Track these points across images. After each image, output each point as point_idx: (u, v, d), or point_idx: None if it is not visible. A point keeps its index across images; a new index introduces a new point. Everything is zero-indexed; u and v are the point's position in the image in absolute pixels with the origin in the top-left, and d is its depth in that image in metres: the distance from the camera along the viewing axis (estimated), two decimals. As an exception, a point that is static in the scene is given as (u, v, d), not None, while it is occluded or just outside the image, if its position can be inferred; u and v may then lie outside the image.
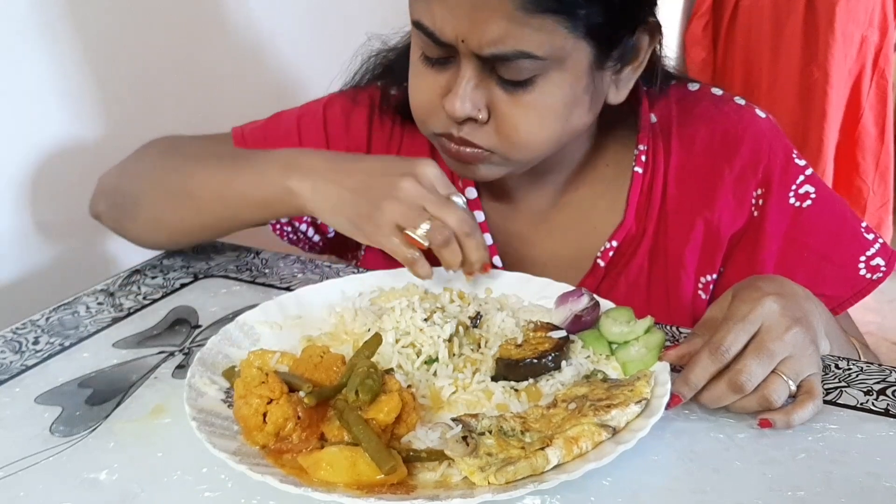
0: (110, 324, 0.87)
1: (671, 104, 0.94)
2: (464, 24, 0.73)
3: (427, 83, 0.81)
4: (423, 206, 0.78)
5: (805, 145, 2.74)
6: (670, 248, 0.92)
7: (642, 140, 0.92)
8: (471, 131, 0.80)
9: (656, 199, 0.92)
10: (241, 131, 1.01)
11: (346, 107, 0.99)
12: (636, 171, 0.92)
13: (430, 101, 0.81)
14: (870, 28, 2.67)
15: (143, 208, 0.94)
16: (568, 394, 0.68)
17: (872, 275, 0.91)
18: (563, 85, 0.77)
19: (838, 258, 0.91)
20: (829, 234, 0.91)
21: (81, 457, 0.66)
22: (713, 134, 0.92)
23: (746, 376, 0.65)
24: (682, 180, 0.92)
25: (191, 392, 0.67)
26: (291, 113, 1.02)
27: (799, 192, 0.91)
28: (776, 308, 0.67)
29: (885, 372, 0.75)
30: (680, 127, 0.93)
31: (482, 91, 0.78)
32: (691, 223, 0.92)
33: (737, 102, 0.95)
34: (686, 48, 3.00)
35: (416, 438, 0.64)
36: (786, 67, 2.76)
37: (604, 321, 0.75)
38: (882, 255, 0.92)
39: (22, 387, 0.76)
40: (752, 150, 0.91)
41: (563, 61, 0.76)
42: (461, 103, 0.77)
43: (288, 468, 0.60)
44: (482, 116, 0.78)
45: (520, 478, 0.58)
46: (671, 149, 0.92)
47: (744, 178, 0.91)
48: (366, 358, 0.68)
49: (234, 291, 0.94)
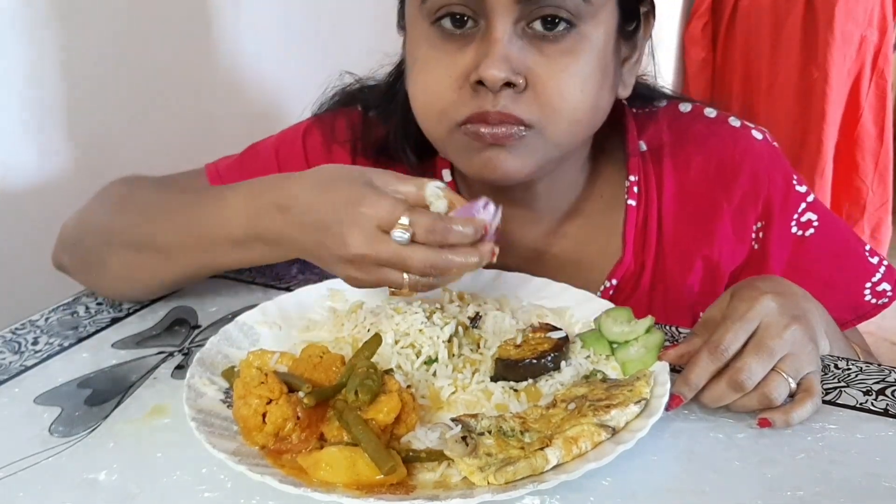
0: (109, 324, 0.87)
1: (662, 129, 0.91)
2: None
3: (446, 67, 0.76)
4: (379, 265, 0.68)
5: (804, 145, 2.75)
6: (669, 283, 0.90)
7: (633, 170, 0.90)
8: (508, 103, 0.74)
9: (652, 232, 0.90)
10: (216, 168, 0.96)
11: (326, 136, 0.94)
12: (630, 203, 0.89)
13: (450, 88, 0.76)
14: (869, 28, 2.67)
15: (110, 266, 0.86)
16: (567, 394, 0.68)
17: (878, 300, 0.90)
18: (598, 41, 0.76)
19: (843, 285, 0.90)
20: (832, 262, 0.90)
21: (81, 457, 0.66)
22: (708, 162, 0.89)
23: (746, 374, 0.65)
24: (678, 212, 0.90)
25: (190, 392, 0.67)
26: (267, 144, 0.97)
27: (801, 220, 0.89)
28: (774, 306, 0.67)
29: (885, 372, 0.75)
30: (673, 153, 0.90)
31: (518, 54, 0.73)
32: (690, 260, 0.90)
33: (731, 125, 0.91)
34: (685, 48, 3.00)
35: (416, 439, 0.64)
36: (785, 67, 2.77)
37: (604, 321, 0.75)
38: (888, 280, 0.90)
39: (21, 387, 0.76)
40: (750, 180, 0.88)
41: (598, 13, 0.75)
42: (501, 64, 0.72)
43: (287, 468, 0.60)
44: (521, 82, 0.74)
45: (519, 478, 0.58)
46: (664, 178, 0.90)
47: (743, 212, 0.89)
48: (365, 358, 0.67)
49: (234, 292, 0.93)
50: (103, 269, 0.87)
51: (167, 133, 1.27)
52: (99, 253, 0.87)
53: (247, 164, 0.95)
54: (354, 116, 0.95)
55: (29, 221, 1.10)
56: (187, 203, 0.82)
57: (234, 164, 0.96)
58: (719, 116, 0.92)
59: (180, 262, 0.82)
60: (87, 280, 0.92)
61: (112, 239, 0.86)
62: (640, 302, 0.91)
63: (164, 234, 0.82)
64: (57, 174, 1.12)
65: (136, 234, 0.84)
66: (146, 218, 0.85)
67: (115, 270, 0.86)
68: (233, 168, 0.95)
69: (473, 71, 0.74)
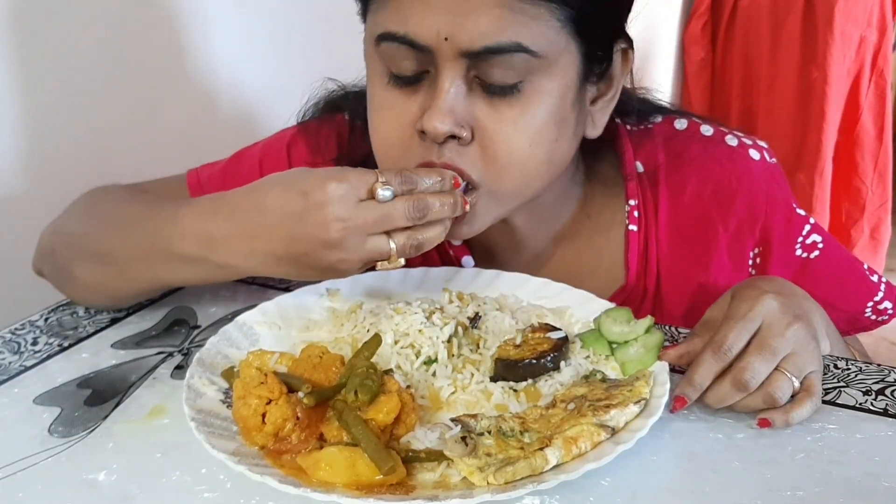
0: (109, 324, 0.87)
1: (657, 147, 0.89)
2: (447, 20, 0.67)
3: (396, 112, 0.73)
4: (366, 234, 0.68)
5: (804, 145, 2.75)
6: (669, 307, 0.89)
7: (631, 194, 0.88)
8: (454, 156, 0.72)
9: (653, 257, 0.88)
10: (197, 176, 0.95)
11: (311, 147, 0.93)
12: (631, 229, 0.87)
13: (401, 132, 0.73)
14: (868, 28, 2.68)
15: (77, 277, 0.85)
16: (567, 394, 0.68)
17: (878, 317, 0.91)
18: (552, 93, 0.72)
19: (846, 305, 0.90)
20: (836, 283, 0.90)
21: (80, 457, 0.66)
22: (704, 185, 0.87)
23: (750, 374, 0.65)
24: (674, 236, 0.88)
25: (189, 392, 0.67)
26: (252, 152, 0.95)
27: (806, 242, 0.89)
28: (776, 305, 0.67)
29: (884, 372, 0.75)
30: (668, 174, 0.88)
31: (465, 105, 0.71)
32: (686, 287, 0.89)
33: (728, 144, 0.89)
34: (685, 48, 3.00)
35: (416, 439, 0.63)
36: (784, 67, 2.77)
37: (603, 321, 0.75)
38: (889, 298, 0.91)
39: (21, 387, 0.76)
40: (747, 205, 0.87)
41: (552, 65, 0.71)
42: (443, 116, 0.69)
43: (287, 469, 0.60)
44: (466, 135, 0.71)
45: (519, 478, 0.58)
46: (660, 200, 0.88)
47: (740, 238, 0.87)
48: (365, 359, 0.67)
49: (233, 292, 0.93)
50: (72, 280, 0.86)
51: (160, 133, 1.27)
52: (68, 263, 0.86)
53: (229, 173, 0.94)
54: (341, 125, 0.93)
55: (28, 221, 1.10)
56: (145, 217, 0.80)
57: (216, 172, 0.95)
58: (716, 135, 0.90)
59: (135, 275, 0.81)
60: (62, 289, 0.91)
61: (79, 249, 0.85)
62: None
63: (122, 248, 0.80)
64: (51, 175, 1.12)
65: (98, 246, 0.83)
66: (108, 230, 0.83)
67: (82, 281, 0.85)
68: (214, 177, 0.94)
69: (419, 120, 0.72)
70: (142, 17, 1.23)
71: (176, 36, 1.31)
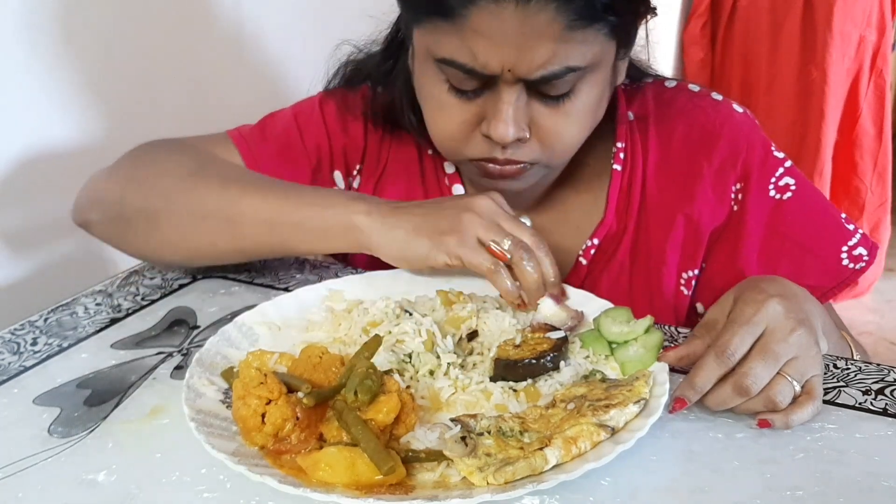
0: (109, 325, 0.87)
1: (648, 100, 0.96)
2: (510, 54, 0.74)
3: (457, 113, 0.81)
4: (499, 224, 0.78)
5: (803, 145, 2.75)
6: (651, 244, 0.94)
7: (620, 137, 0.94)
8: (515, 150, 0.81)
9: (636, 195, 0.94)
10: (238, 132, 0.98)
11: (340, 107, 0.99)
12: (615, 168, 0.94)
13: (462, 131, 0.82)
14: (868, 28, 2.68)
15: (162, 228, 0.87)
16: (566, 394, 0.68)
17: (855, 264, 0.91)
18: (597, 84, 0.80)
19: (820, 249, 0.91)
20: (810, 225, 0.92)
21: (80, 458, 0.66)
22: (691, 129, 0.93)
23: (752, 379, 0.65)
24: (661, 176, 0.93)
25: (189, 393, 0.67)
26: (285, 112, 1.00)
27: (779, 184, 0.92)
28: (780, 310, 0.67)
29: (884, 371, 0.75)
30: (657, 123, 0.94)
31: (524, 112, 0.79)
32: (671, 219, 0.93)
33: (714, 98, 0.96)
34: (684, 48, 3.00)
35: (415, 439, 0.64)
36: (784, 67, 2.77)
37: (603, 321, 0.75)
38: (864, 245, 0.92)
39: (20, 388, 0.76)
40: (730, 144, 0.92)
41: (597, 66, 0.79)
42: (510, 128, 0.78)
43: (287, 469, 0.60)
44: (526, 135, 0.80)
45: (518, 478, 0.58)
46: (649, 145, 0.94)
47: (723, 173, 0.92)
48: (365, 359, 0.67)
49: (233, 292, 0.93)
50: (150, 230, 0.88)
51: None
52: (151, 214, 0.87)
53: (267, 128, 0.98)
54: (365, 91, 0.99)
55: (29, 221, 1.10)
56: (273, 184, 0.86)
57: (255, 128, 0.99)
58: (702, 91, 0.97)
59: (250, 237, 0.85)
60: (118, 239, 0.92)
61: (172, 204, 0.87)
62: (621, 262, 0.95)
63: (243, 210, 0.84)
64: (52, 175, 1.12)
65: (206, 202, 0.85)
66: (221, 189, 0.86)
67: (165, 234, 0.88)
68: (254, 132, 0.98)
69: (483, 122, 0.80)
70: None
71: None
